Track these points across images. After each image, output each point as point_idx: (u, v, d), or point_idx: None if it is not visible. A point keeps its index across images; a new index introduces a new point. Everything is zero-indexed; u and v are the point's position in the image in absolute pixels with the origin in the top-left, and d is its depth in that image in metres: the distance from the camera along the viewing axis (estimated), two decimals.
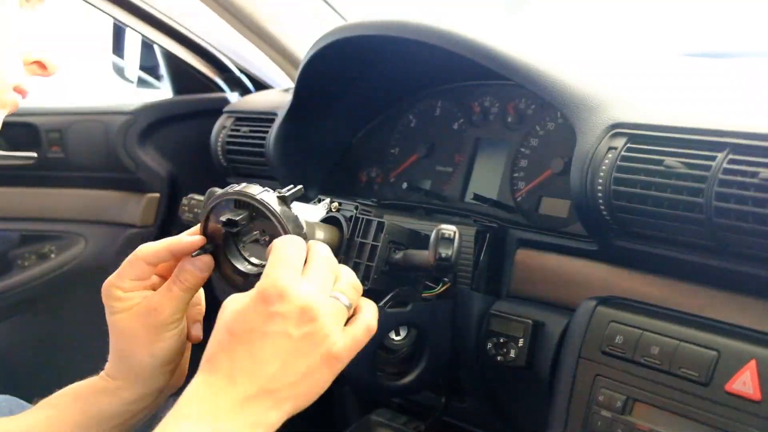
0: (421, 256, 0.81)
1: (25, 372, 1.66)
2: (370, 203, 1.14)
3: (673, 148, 0.76)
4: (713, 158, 0.72)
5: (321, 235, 0.80)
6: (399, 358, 0.89)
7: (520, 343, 0.88)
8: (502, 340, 0.90)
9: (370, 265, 0.83)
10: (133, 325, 0.74)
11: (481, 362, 0.93)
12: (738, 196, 0.69)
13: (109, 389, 0.76)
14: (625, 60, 1.12)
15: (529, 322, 0.88)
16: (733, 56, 1.30)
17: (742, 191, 0.69)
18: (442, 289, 0.89)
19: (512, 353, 0.89)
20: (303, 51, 1.22)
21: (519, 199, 1.05)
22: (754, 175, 0.68)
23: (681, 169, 0.74)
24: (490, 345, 0.91)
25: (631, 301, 0.83)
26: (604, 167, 0.80)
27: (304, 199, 0.92)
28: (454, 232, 0.77)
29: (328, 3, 1.55)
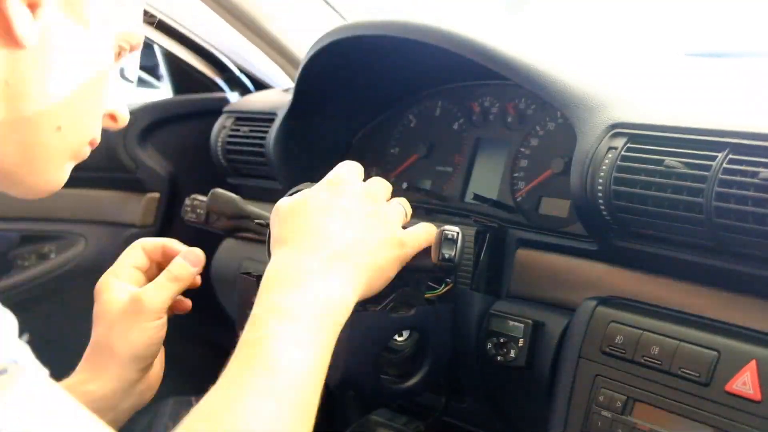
0: (424, 257, 0.81)
1: None
2: None
3: (673, 148, 0.76)
4: (713, 158, 0.72)
5: None
6: (402, 358, 0.89)
7: (520, 343, 0.88)
8: (502, 340, 0.90)
9: None
10: (116, 311, 0.76)
11: (481, 362, 0.93)
12: (738, 196, 0.69)
13: (72, 384, 0.74)
14: (625, 60, 1.12)
15: (529, 322, 0.88)
16: (734, 56, 1.30)
17: (742, 191, 0.69)
18: (445, 290, 0.89)
19: (512, 353, 0.89)
20: (303, 51, 1.22)
21: (519, 199, 1.05)
22: (754, 175, 0.68)
23: (681, 169, 0.74)
24: (490, 345, 0.91)
25: (631, 301, 0.83)
26: (604, 167, 0.80)
27: None
28: (458, 233, 0.77)
29: (328, 3, 1.55)
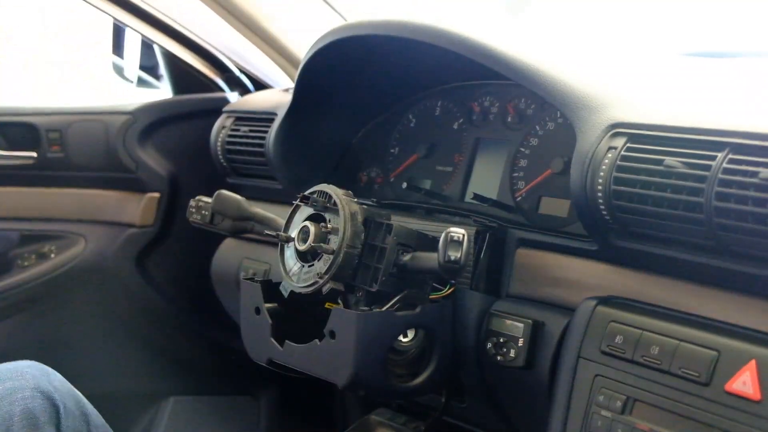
0: (430, 258, 0.81)
1: None
2: (371, 203, 1.14)
3: (673, 148, 0.76)
4: (713, 158, 0.72)
5: None
6: (408, 359, 0.89)
7: (520, 343, 0.88)
8: (501, 340, 0.90)
9: (379, 267, 0.83)
10: None
11: (481, 362, 0.93)
12: (738, 195, 0.69)
13: None
14: (625, 60, 1.12)
15: (529, 322, 0.88)
16: (733, 56, 1.30)
17: (742, 191, 0.69)
18: (449, 291, 0.89)
19: (512, 353, 0.89)
20: (303, 51, 1.22)
21: (519, 199, 1.05)
22: (754, 174, 0.68)
23: (681, 168, 0.74)
24: (489, 345, 0.91)
25: (631, 301, 0.83)
26: (604, 167, 0.80)
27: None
28: (463, 235, 0.77)
29: (328, 3, 1.55)
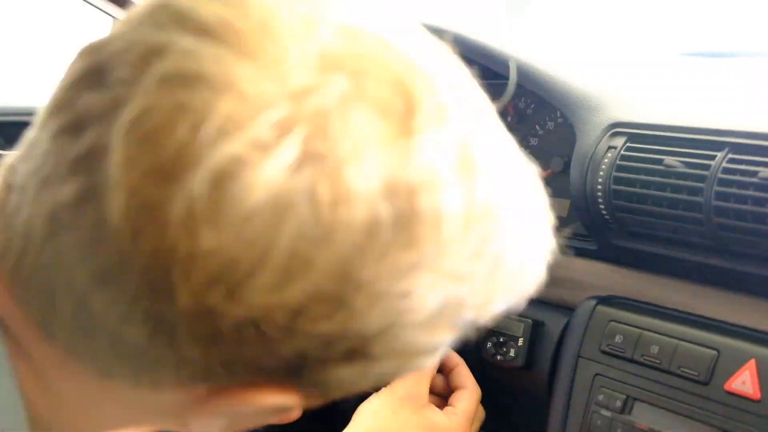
0: None
1: None
2: None
3: (673, 148, 0.76)
4: (713, 157, 0.72)
5: None
6: None
7: (520, 342, 0.88)
8: (501, 340, 0.90)
9: None
10: None
11: (481, 362, 0.93)
12: (737, 195, 0.69)
13: None
14: (625, 60, 1.12)
15: (529, 321, 0.88)
16: (733, 56, 1.30)
17: (742, 190, 0.69)
18: None
19: (511, 353, 0.89)
20: None
21: None
22: (754, 174, 0.68)
23: (680, 168, 0.74)
24: (489, 344, 0.91)
25: (630, 301, 0.83)
26: (603, 167, 0.80)
27: None
28: None
29: None
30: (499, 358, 0.90)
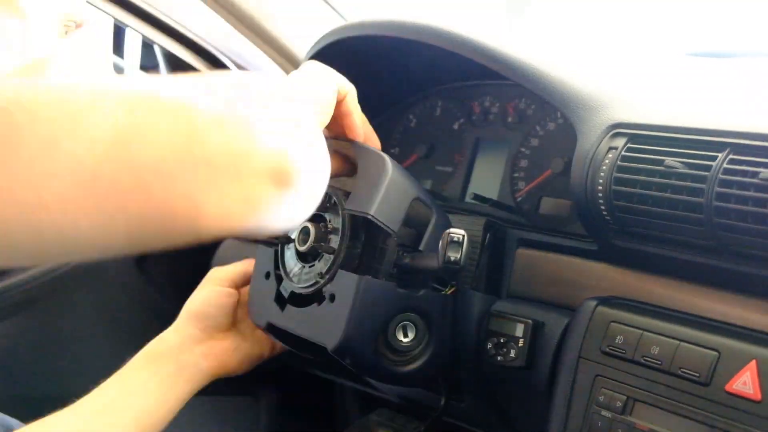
0: (430, 259, 0.81)
1: (25, 372, 1.66)
2: None
3: (674, 148, 0.76)
4: (713, 158, 0.72)
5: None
6: (407, 359, 0.88)
7: (520, 343, 0.88)
8: (502, 340, 0.90)
9: (379, 267, 0.83)
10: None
11: (481, 362, 0.93)
12: (738, 196, 0.69)
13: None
14: (625, 60, 1.12)
15: (529, 322, 0.88)
16: (734, 56, 1.30)
17: (743, 191, 0.69)
18: (449, 292, 0.89)
19: (512, 353, 0.89)
20: (303, 51, 1.22)
21: (519, 199, 1.04)
22: (755, 175, 0.68)
23: (681, 169, 0.74)
24: (490, 345, 0.91)
25: (631, 301, 0.83)
26: (604, 167, 0.80)
27: None
28: (463, 236, 0.77)
29: (328, 3, 1.55)
30: (499, 358, 0.90)
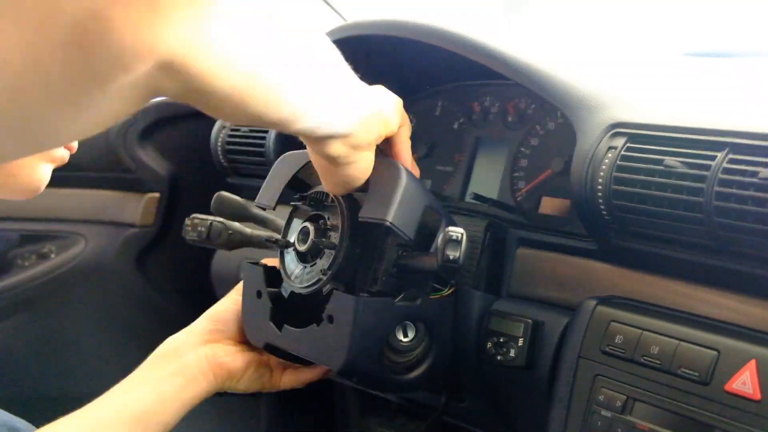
0: (429, 258, 0.81)
1: (25, 372, 1.66)
2: None
3: (673, 148, 0.76)
4: (713, 158, 0.72)
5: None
6: (410, 361, 0.88)
7: (520, 342, 0.88)
8: (501, 340, 0.90)
9: (379, 267, 0.83)
10: None
11: (481, 362, 0.93)
12: (738, 195, 0.69)
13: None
14: (625, 60, 1.12)
15: (529, 321, 0.88)
16: (734, 56, 1.30)
17: (742, 191, 0.69)
18: (449, 292, 0.89)
19: (512, 353, 0.89)
20: None
21: (519, 199, 1.05)
22: (754, 174, 0.68)
23: (681, 168, 0.74)
24: (489, 344, 0.91)
25: (631, 301, 0.83)
26: (604, 167, 0.80)
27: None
28: (462, 234, 0.76)
29: (328, 3, 1.55)
30: (499, 358, 0.90)
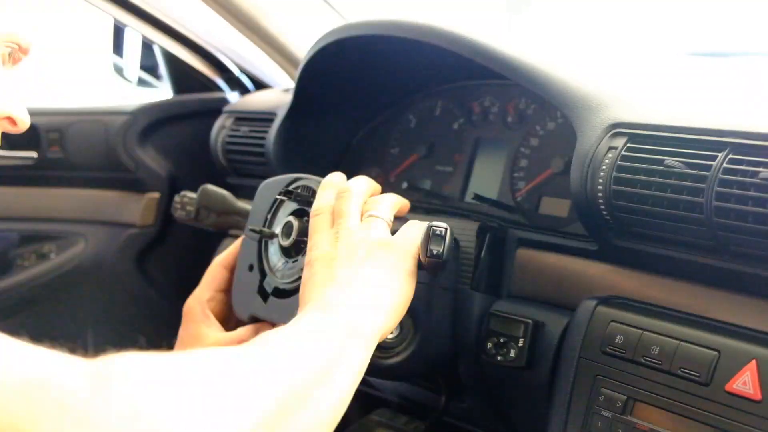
0: None
1: None
2: None
3: (673, 148, 0.76)
4: (713, 158, 0.72)
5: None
6: (396, 361, 0.88)
7: (520, 343, 0.88)
8: (502, 340, 0.90)
9: None
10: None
11: (481, 362, 0.93)
12: (738, 195, 0.69)
13: None
14: (625, 60, 1.12)
15: (529, 322, 0.88)
16: (734, 56, 1.30)
17: (742, 191, 0.69)
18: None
19: (512, 353, 0.89)
20: (303, 51, 1.22)
21: (519, 199, 1.04)
22: (755, 174, 0.68)
23: (681, 168, 0.74)
24: (490, 345, 0.91)
25: (631, 301, 0.83)
26: (604, 167, 0.80)
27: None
28: (446, 229, 0.75)
29: (328, 3, 1.55)
30: (499, 358, 0.90)
